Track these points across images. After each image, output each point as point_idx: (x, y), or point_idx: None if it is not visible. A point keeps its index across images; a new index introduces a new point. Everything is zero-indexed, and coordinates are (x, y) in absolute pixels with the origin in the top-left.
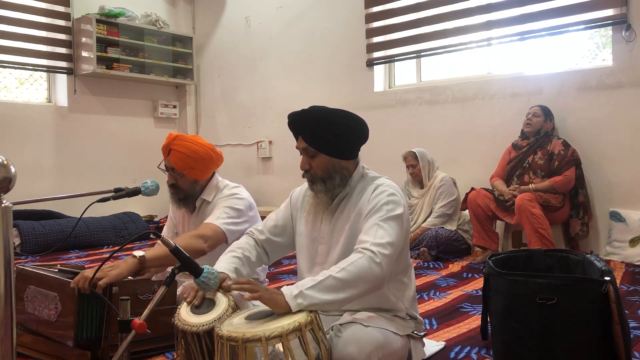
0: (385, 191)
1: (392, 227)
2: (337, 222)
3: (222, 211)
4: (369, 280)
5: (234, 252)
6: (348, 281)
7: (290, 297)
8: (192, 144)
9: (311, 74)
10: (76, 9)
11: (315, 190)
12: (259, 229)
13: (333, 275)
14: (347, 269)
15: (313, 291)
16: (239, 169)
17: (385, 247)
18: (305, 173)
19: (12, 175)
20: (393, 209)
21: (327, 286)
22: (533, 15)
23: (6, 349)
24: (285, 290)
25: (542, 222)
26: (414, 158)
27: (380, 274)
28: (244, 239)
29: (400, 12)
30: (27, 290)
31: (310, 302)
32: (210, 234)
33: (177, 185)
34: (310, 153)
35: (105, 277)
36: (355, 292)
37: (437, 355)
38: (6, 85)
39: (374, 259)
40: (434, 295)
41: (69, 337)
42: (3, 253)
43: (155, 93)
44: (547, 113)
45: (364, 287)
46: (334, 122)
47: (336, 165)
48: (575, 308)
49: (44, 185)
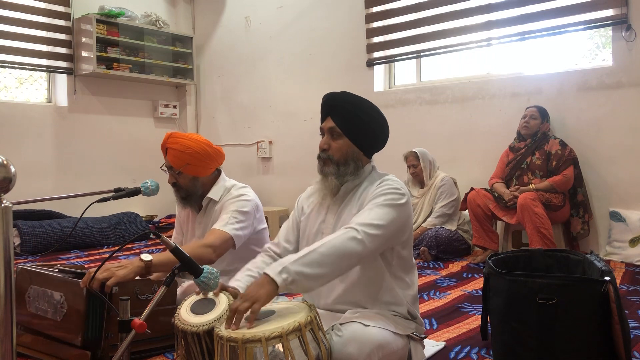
0: (390, 185)
1: (385, 212)
2: (343, 212)
3: (230, 216)
4: (349, 256)
5: (249, 272)
6: (329, 255)
7: (275, 274)
8: (186, 139)
9: (311, 74)
10: (76, 9)
11: (325, 173)
12: (274, 242)
13: (316, 250)
14: (329, 244)
15: (296, 265)
16: (239, 169)
17: (371, 227)
18: (322, 152)
19: (12, 175)
20: (393, 198)
21: (310, 260)
22: (533, 15)
23: (6, 349)
24: (269, 270)
25: (544, 221)
26: (415, 158)
27: (362, 250)
28: (260, 257)
29: (400, 12)
30: (30, 290)
31: (294, 277)
32: (218, 243)
33: (178, 184)
34: (335, 133)
35: (113, 277)
36: (336, 266)
37: (437, 355)
38: (6, 85)
39: (356, 236)
40: (434, 295)
41: (76, 337)
42: (3, 253)
43: (155, 93)
44: (543, 114)
45: (344, 263)
46: (369, 113)
47: (355, 153)
48: (575, 308)
49: (44, 185)
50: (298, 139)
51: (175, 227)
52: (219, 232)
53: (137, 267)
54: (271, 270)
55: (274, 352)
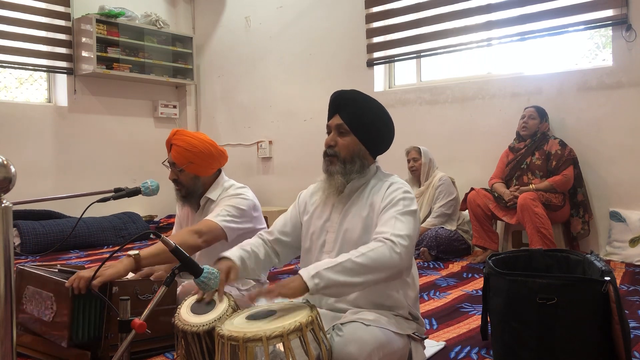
0: (400, 188)
1: (408, 221)
2: (349, 212)
3: (223, 209)
4: (387, 268)
5: (241, 246)
6: (367, 266)
7: (308, 277)
8: (192, 138)
9: (311, 74)
10: (76, 9)
11: (331, 172)
12: (268, 230)
13: (352, 259)
14: (368, 255)
15: (330, 272)
16: (239, 169)
17: (404, 239)
18: (328, 149)
19: (12, 175)
20: (409, 204)
21: (345, 268)
22: (533, 15)
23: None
24: (303, 272)
25: (544, 221)
26: (418, 152)
27: (399, 263)
28: (253, 239)
29: (401, 12)
30: (26, 290)
31: (326, 282)
32: (205, 230)
33: (179, 181)
34: (342, 130)
35: (100, 277)
36: (372, 277)
37: (437, 355)
38: (6, 85)
39: (394, 249)
40: (434, 295)
41: (63, 338)
42: (3, 253)
43: (155, 93)
44: (542, 114)
45: (381, 274)
46: (377, 112)
47: (362, 152)
48: (575, 308)
49: (44, 185)
50: (298, 139)
51: (174, 226)
52: (207, 221)
53: (126, 264)
54: (304, 272)
55: (274, 352)
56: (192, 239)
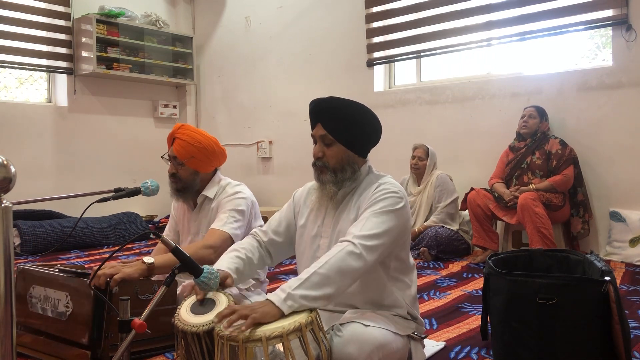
0: (386, 189)
1: (381, 220)
2: (341, 216)
3: (228, 215)
4: (350, 272)
5: (236, 252)
6: (330, 276)
7: (280, 302)
8: (196, 133)
9: (311, 74)
10: (76, 9)
11: (323, 181)
12: (262, 229)
13: (316, 272)
14: (329, 263)
15: (300, 290)
16: (239, 169)
17: (368, 239)
18: (317, 160)
19: (12, 175)
20: (390, 204)
21: (313, 283)
22: (533, 15)
23: (6, 349)
24: (272, 297)
25: (544, 221)
26: (425, 154)
27: (363, 265)
28: (247, 239)
29: (400, 12)
30: (31, 290)
31: (300, 302)
32: (219, 244)
33: (178, 175)
34: (327, 141)
35: (120, 273)
36: (343, 283)
37: (437, 355)
38: (6, 85)
39: (354, 251)
40: (434, 295)
41: (82, 337)
42: (3, 253)
43: (155, 93)
44: (542, 113)
45: (347, 280)
46: (357, 115)
47: (350, 158)
48: (575, 308)
49: (44, 185)
50: (298, 139)
51: (167, 226)
52: (218, 232)
53: (140, 269)
54: (275, 297)
55: (274, 352)
56: (206, 254)
